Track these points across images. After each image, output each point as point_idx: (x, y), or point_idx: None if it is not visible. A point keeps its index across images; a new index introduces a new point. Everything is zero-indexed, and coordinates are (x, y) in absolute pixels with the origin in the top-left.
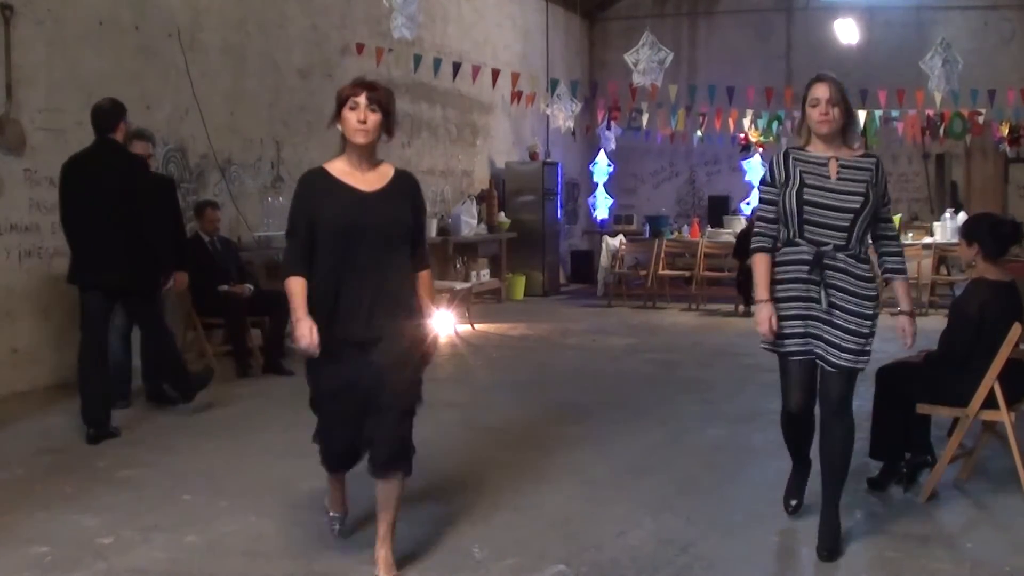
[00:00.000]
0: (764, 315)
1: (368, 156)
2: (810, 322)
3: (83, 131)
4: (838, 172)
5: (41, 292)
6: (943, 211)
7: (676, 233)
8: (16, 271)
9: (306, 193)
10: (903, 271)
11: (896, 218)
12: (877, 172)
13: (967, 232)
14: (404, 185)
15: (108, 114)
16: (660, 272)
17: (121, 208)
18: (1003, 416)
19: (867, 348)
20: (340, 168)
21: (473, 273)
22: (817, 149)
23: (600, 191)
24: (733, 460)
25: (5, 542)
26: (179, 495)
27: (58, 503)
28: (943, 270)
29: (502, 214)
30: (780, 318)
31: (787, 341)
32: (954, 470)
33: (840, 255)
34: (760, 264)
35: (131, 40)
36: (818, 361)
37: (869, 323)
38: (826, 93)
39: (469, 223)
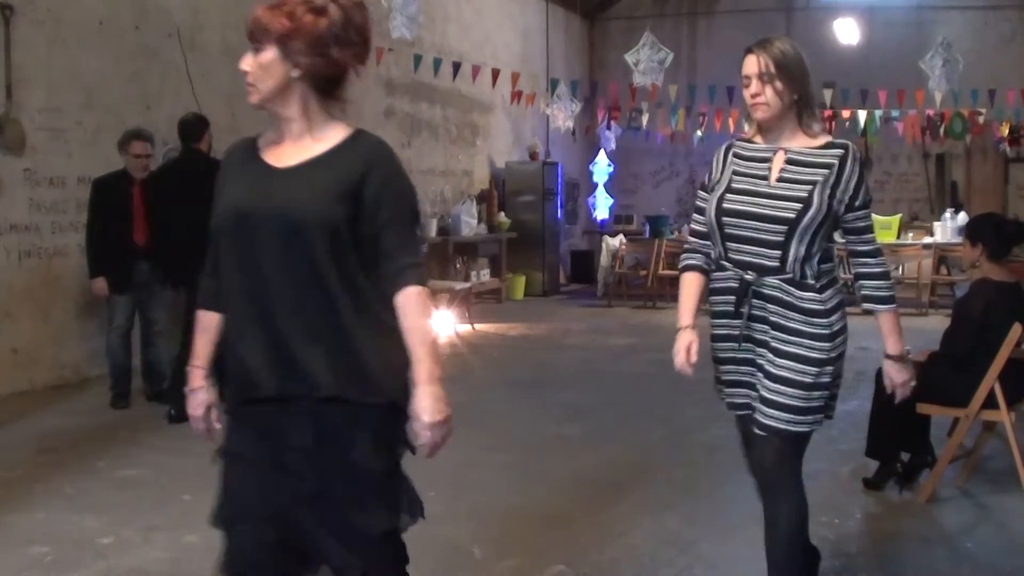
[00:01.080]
0: (681, 344)
1: (287, 121)
2: (742, 367)
3: (83, 131)
4: (782, 170)
5: (41, 292)
6: (943, 211)
7: (676, 233)
8: (16, 271)
9: (220, 175)
10: (886, 300)
11: (896, 218)
12: (842, 169)
13: (971, 232)
14: (350, 155)
15: (193, 126)
16: (660, 272)
17: (208, 210)
18: (1003, 416)
19: (811, 404)
20: (268, 137)
21: (473, 273)
22: (765, 140)
23: (600, 191)
24: (733, 460)
25: (5, 542)
26: (179, 495)
27: (58, 503)
28: (943, 270)
29: (502, 214)
30: (717, 360)
31: (725, 389)
32: (954, 470)
33: (771, 280)
34: (685, 284)
35: (131, 40)
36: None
37: (814, 370)
38: (755, 67)
39: (469, 223)
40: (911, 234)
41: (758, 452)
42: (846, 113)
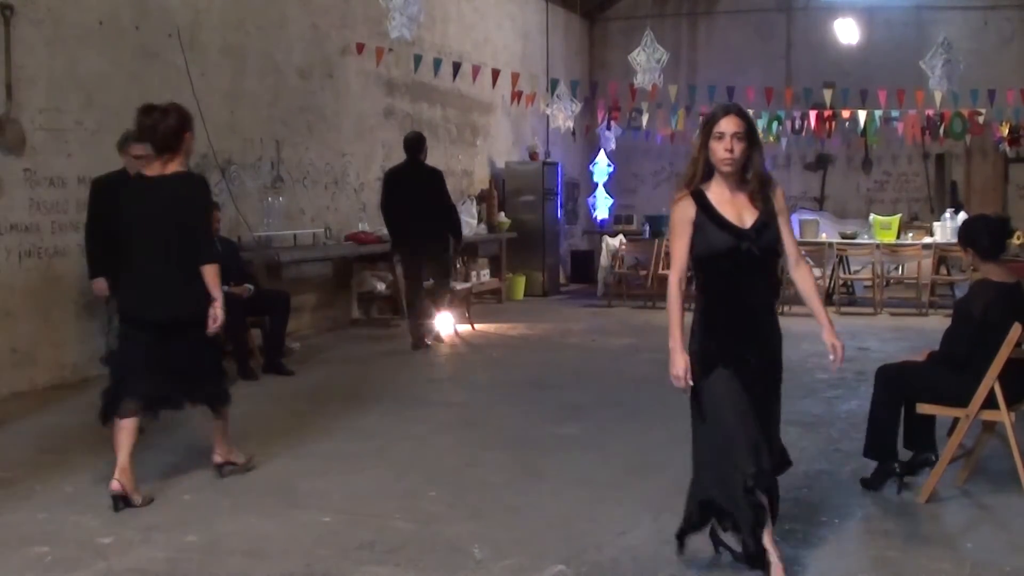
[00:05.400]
0: None
1: None
2: None
3: (83, 131)
4: None
5: (41, 292)
6: (943, 211)
7: None
8: (16, 271)
9: None
10: None
11: (896, 218)
12: None
13: (962, 237)
14: None
15: (416, 142)
16: (660, 272)
17: (426, 203)
18: (1003, 416)
19: None
20: None
21: (473, 273)
22: None
23: (600, 191)
24: None
25: (5, 542)
26: (179, 495)
27: (58, 503)
28: (943, 270)
29: (502, 214)
30: None
31: None
32: (954, 470)
33: None
34: None
35: (131, 40)
36: None
37: None
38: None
39: (469, 223)
40: (911, 234)
41: None
42: (846, 113)
